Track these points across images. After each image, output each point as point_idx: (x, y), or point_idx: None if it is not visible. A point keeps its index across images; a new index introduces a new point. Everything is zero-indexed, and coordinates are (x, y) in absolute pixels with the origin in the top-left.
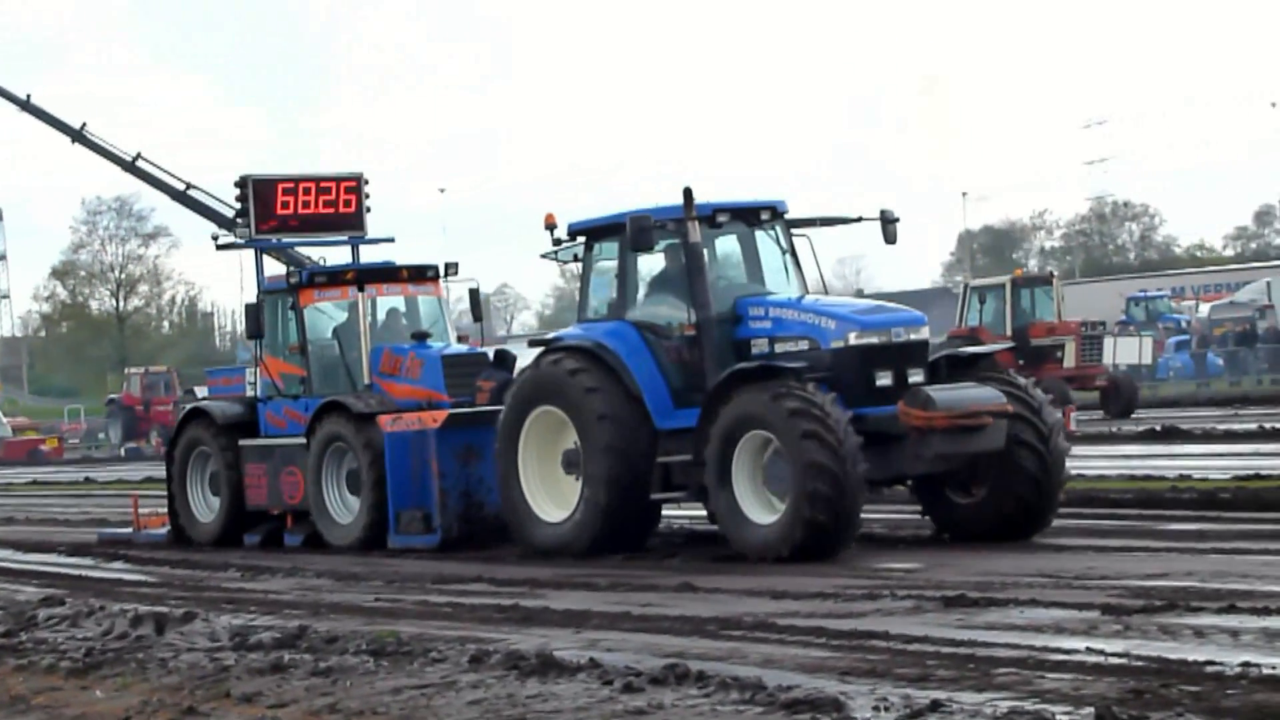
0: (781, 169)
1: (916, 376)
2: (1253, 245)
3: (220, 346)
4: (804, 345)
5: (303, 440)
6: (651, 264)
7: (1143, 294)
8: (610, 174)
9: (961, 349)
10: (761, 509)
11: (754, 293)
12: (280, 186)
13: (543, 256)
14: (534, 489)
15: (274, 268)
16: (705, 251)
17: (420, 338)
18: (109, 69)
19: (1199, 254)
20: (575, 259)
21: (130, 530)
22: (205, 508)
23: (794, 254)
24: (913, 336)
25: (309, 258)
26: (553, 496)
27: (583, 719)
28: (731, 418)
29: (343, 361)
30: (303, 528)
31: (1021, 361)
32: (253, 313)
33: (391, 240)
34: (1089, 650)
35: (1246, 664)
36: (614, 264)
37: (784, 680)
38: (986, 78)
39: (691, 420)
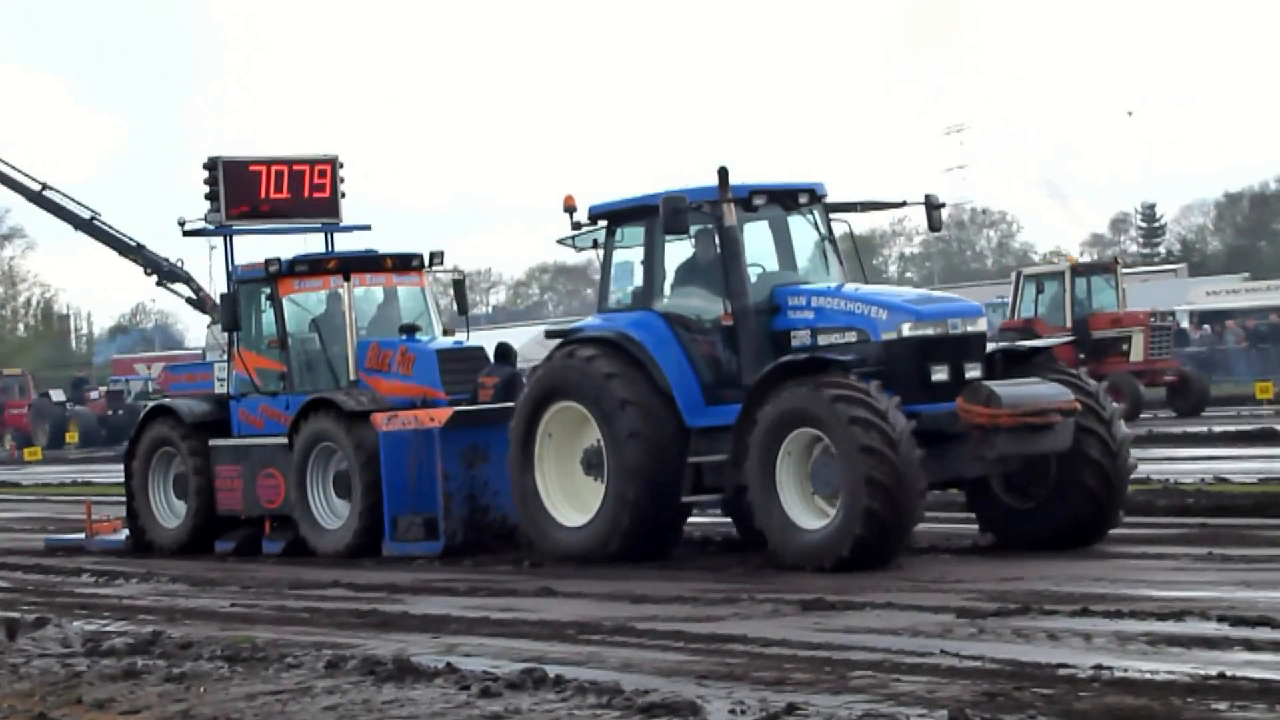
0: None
1: (974, 371)
2: (1109, 252)
3: (77, 349)
4: (851, 337)
5: (284, 440)
6: (679, 250)
7: (1000, 299)
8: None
9: (1018, 342)
10: (808, 513)
11: (790, 281)
12: (251, 168)
13: (559, 242)
14: (551, 491)
15: (244, 256)
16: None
17: (409, 331)
18: None
19: (1055, 261)
20: (595, 245)
21: (82, 536)
22: (169, 512)
23: (833, 240)
24: (970, 328)
25: (168, 259)
26: (571, 500)
27: None
28: (777, 414)
29: (324, 356)
30: (283, 534)
31: (1083, 356)
32: (228, 303)
33: (367, 228)
34: (944, 653)
35: (1099, 666)
36: (638, 250)
37: (642, 684)
38: (845, 83)
39: (725, 418)
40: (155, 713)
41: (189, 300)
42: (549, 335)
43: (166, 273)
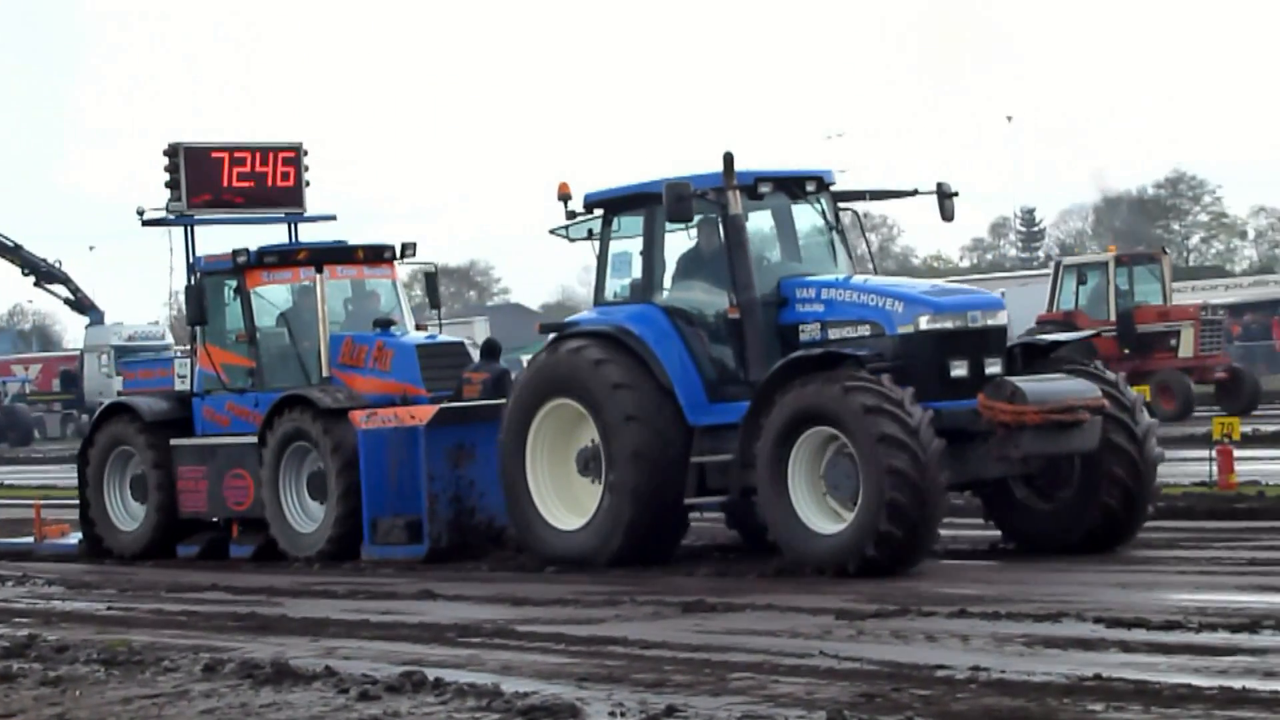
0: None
1: (994, 367)
2: (988, 256)
3: None
4: (865, 331)
5: (253, 439)
6: (679, 240)
7: None
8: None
9: (1039, 336)
10: (822, 516)
11: (796, 273)
12: (213, 155)
13: (552, 232)
14: (544, 492)
15: (207, 246)
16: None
17: (384, 325)
18: None
19: (936, 265)
20: (590, 235)
21: (30, 540)
22: (126, 515)
23: (840, 230)
24: (990, 322)
25: (45, 260)
26: (565, 501)
27: None
28: (788, 412)
29: (294, 351)
30: (252, 538)
31: (1127, 350)
32: (194, 296)
33: (333, 218)
34: (823, 654)
35: (976, 667)
36: (636, 240)
37: (521, 687)
38: (724, 86)
39: (729, 415)
40: (30, 716)
41: (67, 301)
42: (543, 329)
43: (44, 274)
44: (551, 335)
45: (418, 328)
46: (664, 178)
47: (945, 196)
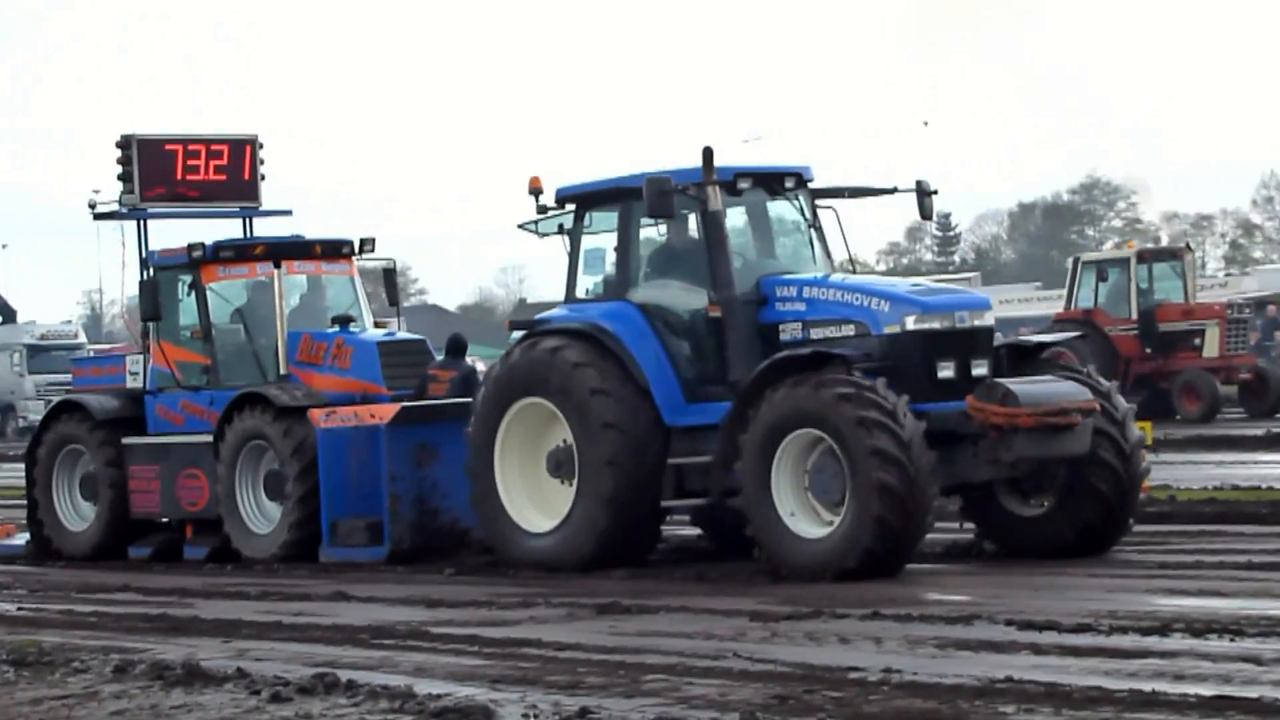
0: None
1: (981, 368)
2: (904, 260)
3: None
4: (849, 331)
5: (209, 438)
6: (654, 237)
7: None
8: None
9: (1026, 338)
10: (807, 520)
11: (774, 270)
12: (166, 147)
13: (520, 227)
14: (512, 493)
15: (158, 241)
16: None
17: (343, 322)
18: None
19: (848, 270)
20: (561, 230)
21: None
22: (75, 515)
23: (819, 228)
24: (978, 322)
25: None
26: (535, 502)
27: None
28: (776, 414)
29: (251, 348)
30: (207, 539)
31: (1149, 350)
32: (149, 291)
33: (289, 213)
34: (736, 656)
35: (888, 669)
36: (610, 236)
37: (435, 689)
38: (647, 88)
39: (707, 416)
40: None
41: None
42: (512, 326)
43: None
44: (522, 333)
45: (376, 325)
46: (640, 172)
47: (924, 194)
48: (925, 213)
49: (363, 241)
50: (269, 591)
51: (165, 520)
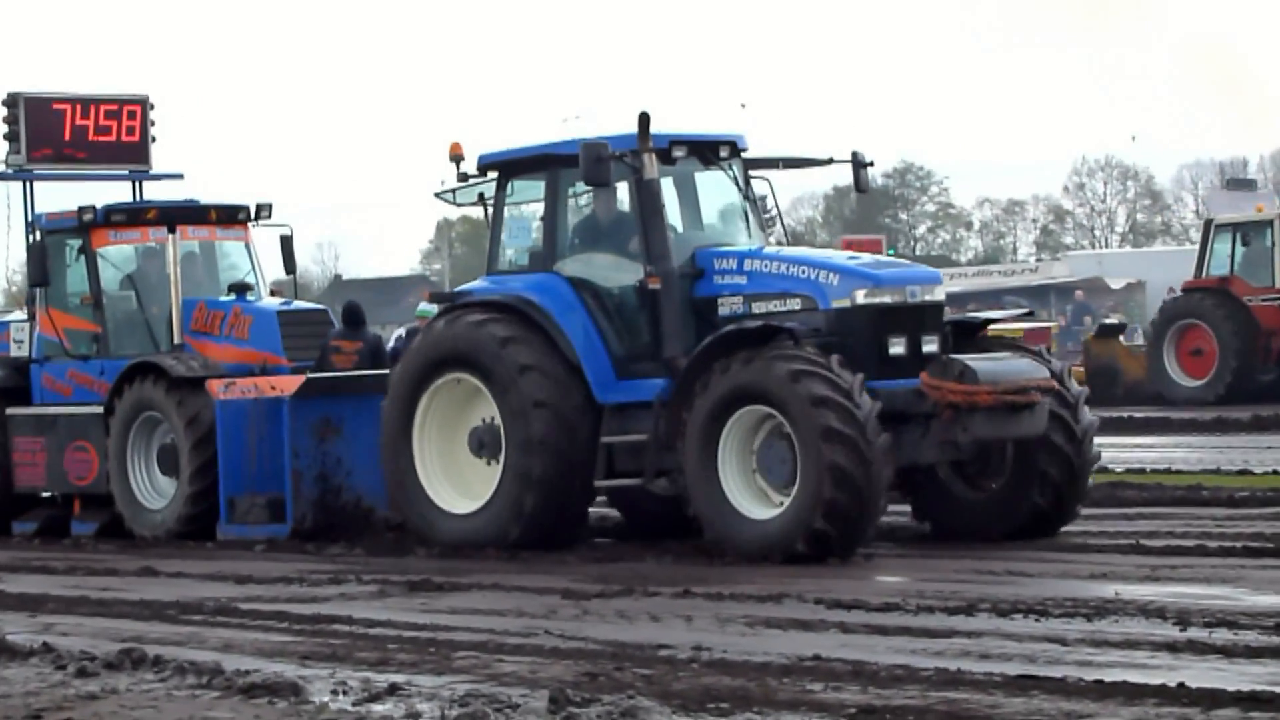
0: None
1: (931, 345)
2: None
3: None
4: (795, 305)
5: (98, 409)
6: (580, 206)
7: None
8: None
9: (974, 314)
10: (753, 501)
11: (708, 242)
12: (54, 106)
13: (437, 195)
14: (431, 472)
15: (45, 204)
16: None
17: (240, 290)
18: None
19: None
20: (481, 199)
21: None
22: None
23: (752, 199)
24: (928, 297)
25: None
26: (456, 484)
27: (33, 704)
28: (724, 390)
29: (142, 316)
30: (96, 514)
31: None
32: (37, 255)
33: (180, 177)
34: (548, 634)
35: (698, 647)
36: (534, 206)
37: (243, 664)
38: (470, 68)
39: (640, 394)
40: None
41: None
42: (432, 298)
43: None
44: (442, 305)
45: (271, 294)
46: (569, 139)
47: (860, 166)
48: (861, 185)
49: (259, 207)
50: (76, 566)
51: (50, 495)
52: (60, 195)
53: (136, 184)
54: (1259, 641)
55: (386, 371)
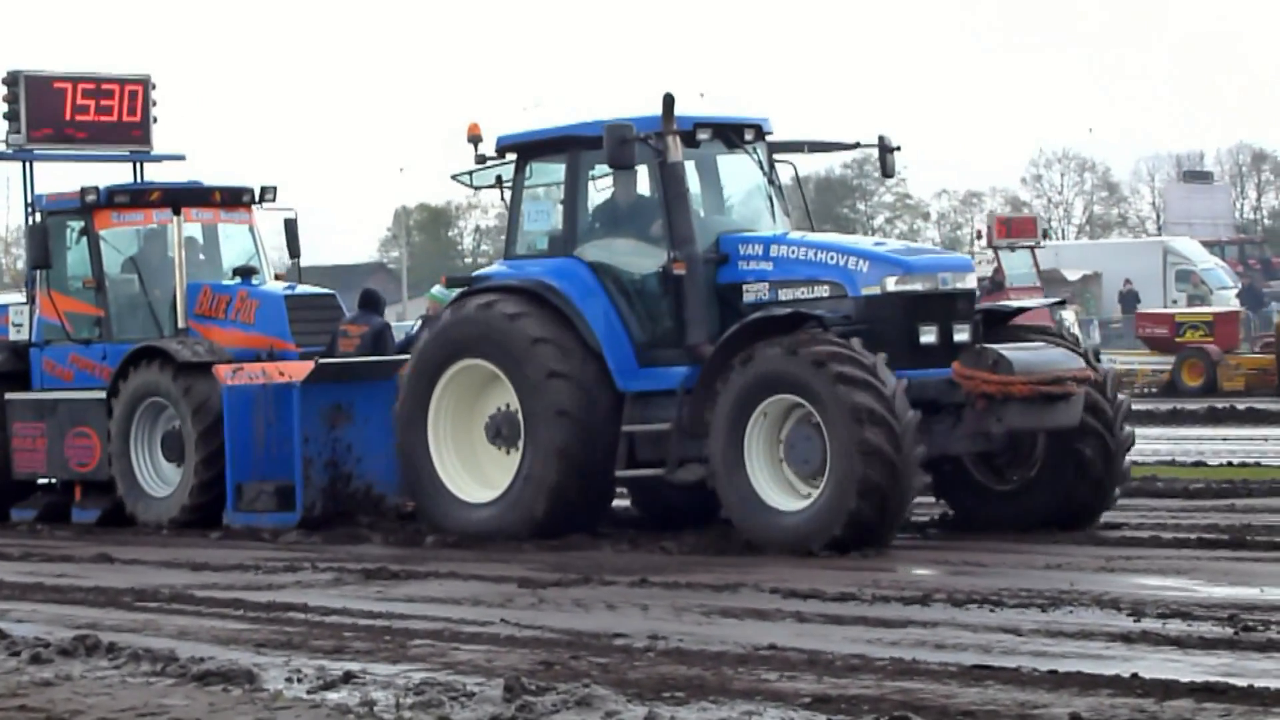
0: None
1: (963, 333)
2: None
3: None
4: (823, 292)
5: (101, 394)
6: (602, 189)
7: None
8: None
9: (1003, 303)
10: (782, 492)
11: (732, 228)
12: (55, 85)
13: (455, 178)
14: (448, 464)
15: (45, 184)
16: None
17: (245, 274)
18: None
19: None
20: (499, 181)
21: None
22: None
23: (777, 184)
24: (959, 285)
25: None
26: (472, 471)
27: None
28: (750, 379)
29: (146, 300)
30: (97, 501)
31: None
32: (38, 236)
33: (181, 158)
34: (504, 622)
35: (654, 636)
36: (554, 188)
37: (198, 652)
38: (428, 58)
39: (663, 381)
40: None
41: None
42: (450, 282)
43: None
44: (458, 291)
45: (276, 278)
46: (590, 120)
47: (886, 150)
48: (888, 170)
49: (263, 190)
50: (31, 552)
51: (51, 481)
52: (59, 175)
53: (138, 165)
54: (1213, 633)
55: (399, 358)
